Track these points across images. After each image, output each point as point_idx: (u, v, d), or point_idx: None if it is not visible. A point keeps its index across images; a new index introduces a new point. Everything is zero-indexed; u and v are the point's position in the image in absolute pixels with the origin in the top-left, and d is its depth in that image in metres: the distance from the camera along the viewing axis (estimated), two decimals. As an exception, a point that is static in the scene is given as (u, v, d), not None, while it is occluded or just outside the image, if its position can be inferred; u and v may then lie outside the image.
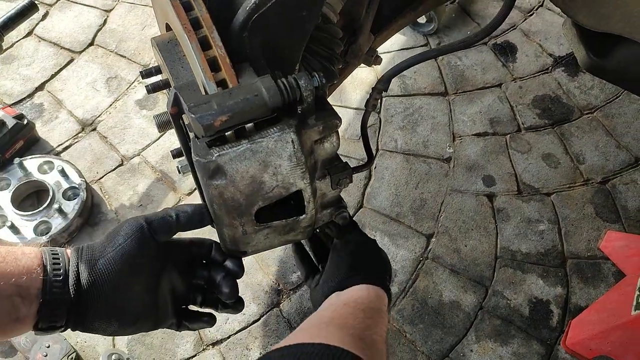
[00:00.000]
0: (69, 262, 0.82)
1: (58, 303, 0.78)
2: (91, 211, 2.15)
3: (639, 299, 1.71)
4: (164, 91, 1.05)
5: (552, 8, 2.70)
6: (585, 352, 1.87)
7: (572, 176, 2.27)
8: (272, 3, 0.89)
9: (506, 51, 2.59)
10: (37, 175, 2.12)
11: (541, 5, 2.71)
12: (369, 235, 1.10)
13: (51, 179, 2.11)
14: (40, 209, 2.04)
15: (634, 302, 1.70)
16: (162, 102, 2.43)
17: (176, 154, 1.11)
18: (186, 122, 0.93)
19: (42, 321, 0.78)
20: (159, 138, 2.34)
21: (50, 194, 2.07)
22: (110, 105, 2.42)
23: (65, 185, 2.10)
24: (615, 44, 1.11)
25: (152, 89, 1.04)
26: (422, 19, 2.59)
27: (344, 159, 0.97)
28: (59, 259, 0.81)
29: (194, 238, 1.00)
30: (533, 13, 2.70)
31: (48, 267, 0.79)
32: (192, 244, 0.99)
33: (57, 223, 2.03)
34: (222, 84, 0.86)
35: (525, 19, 2.68)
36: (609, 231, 2.10)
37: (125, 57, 2.55)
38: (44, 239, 2.00)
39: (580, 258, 2.10)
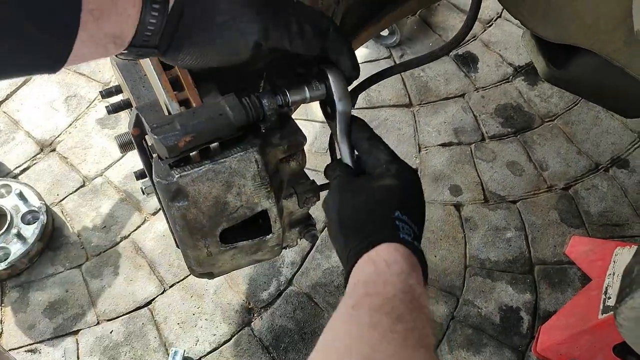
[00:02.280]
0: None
1: (146, 50, 0.73)
2: (52, 235, 2.08)
3: (605, 303, 1.73)
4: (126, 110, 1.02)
5: (510, 19, 2.76)
6: (556, 357, 1.89)
7: (536, 183, 2.30)
8: (233, 20, 0.87)
9: (468, 62, 2.63)
10: (-6, 200, 2.05)
11: (499, 17, 2.77)
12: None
13: (9, 202, 2.04)
14: (-2, 234, 1.97)
15: (600, 305, 1.73)
16: (124, 120, 2.38)
17: (139, 175, 1.08)
18: (149, 143, 0.90)
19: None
20: (122, 157, 2.28)
21: (9, 218, 1.99)
22: (70, 124, 2.36)
23: (24, 209, 2.03)
24: (573, 55, 1.14)
25: (113, 109, 1.01)
26: (384, 32, 2.61)
27: (312, 173, 0.96)
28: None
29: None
30: (492, 24, 2.76)
31: (144, 16, 0.71)
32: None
33: (17, 248, 1.96)
34: (185, 103, 0.84)
35: (485, 30, 2.73)
36: (573, 236, 2.14)
37: (84, 75, 2.50)
38: (3, 265, 1.93)
39: (547, 264, 2.13)
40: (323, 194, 1.02)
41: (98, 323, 1.96)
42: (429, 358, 0.61)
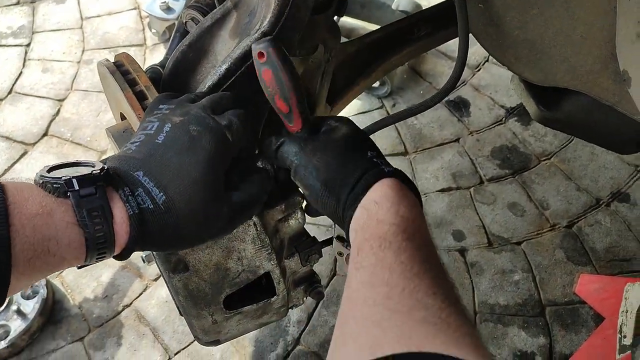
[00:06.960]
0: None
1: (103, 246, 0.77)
2: (52, 308, 2.04)
3: (622, 342, 1.69)
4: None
5: (498, 62, 2.81)
6: (577, 403, 1.83)
7: (539, 222, 2.29)
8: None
9: (460, 106, 2.66)
10: (-7, 276, 2.02)
11: (487, 61, 2.82)
12: None
13: (8, 278, 2.01)
14: (-2, 311, 1.93)
15: (617, 345, 1.69)
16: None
17: (138, 245, 1.07)
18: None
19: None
20: (121, 224, 2.27)
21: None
22: (69, 195, 2.36)
23: (23, 283, 2.00)
24: (563, 96, 1.15)
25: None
26: (375, 83, 2.65)
27: (312, 227, 0.95)
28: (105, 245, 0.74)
29: None
30: (480, 68, 2.80)
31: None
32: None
33: (17, 325, 1.92)
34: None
35: (474, 75, 2.78)
36: (582, 275, 2.10)
37: (81, 144, 2.52)
38: (3, 344, 1.88)
39: (558, 305, 2.09)
40: (324, 249, 1.01)
41: (102, 397, 1.90)
42: (436, 283, 0.64)
